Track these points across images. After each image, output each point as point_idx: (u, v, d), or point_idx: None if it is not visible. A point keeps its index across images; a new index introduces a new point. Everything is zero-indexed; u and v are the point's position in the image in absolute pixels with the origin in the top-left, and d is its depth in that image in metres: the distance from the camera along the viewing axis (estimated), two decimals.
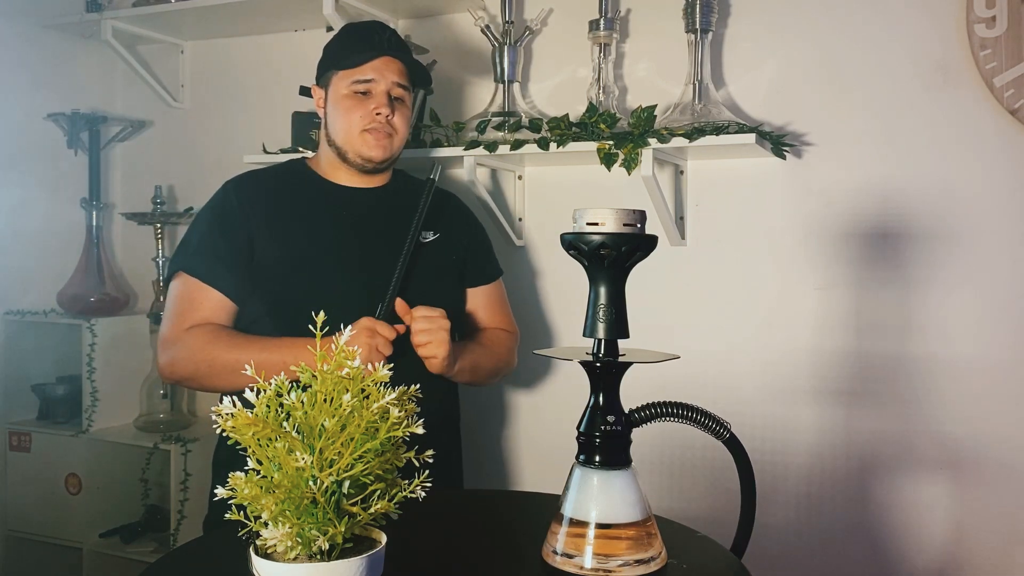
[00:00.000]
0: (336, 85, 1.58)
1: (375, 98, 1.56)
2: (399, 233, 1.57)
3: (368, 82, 1.56)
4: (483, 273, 1.75)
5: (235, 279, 1.53)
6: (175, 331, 1.51)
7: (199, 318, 1.51)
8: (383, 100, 1.56)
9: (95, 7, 2.31)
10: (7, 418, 2.35)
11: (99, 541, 2.28)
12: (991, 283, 1.71)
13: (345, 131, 1.57)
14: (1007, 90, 1.68)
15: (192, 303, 1.52)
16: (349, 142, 1.58)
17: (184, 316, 1.51)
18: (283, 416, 0.87)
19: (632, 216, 0.98)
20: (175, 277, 1.55)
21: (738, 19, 1.89)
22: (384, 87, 1.57)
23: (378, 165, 1.60)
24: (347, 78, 1.56)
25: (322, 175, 1.64)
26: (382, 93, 1.56)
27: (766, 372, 1.86)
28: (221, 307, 1.53)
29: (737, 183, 1.89)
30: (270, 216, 1.57)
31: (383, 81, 1.56)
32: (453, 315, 1.70)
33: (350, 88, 1.56)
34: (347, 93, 1.57)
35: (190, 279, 1.53)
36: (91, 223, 2.41)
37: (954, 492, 1.74)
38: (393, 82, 1.57)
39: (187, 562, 1.10)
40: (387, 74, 1.57)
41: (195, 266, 1.53)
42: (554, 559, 1.00)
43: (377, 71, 1.56)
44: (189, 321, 1.51)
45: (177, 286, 1.55)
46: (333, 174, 1.63)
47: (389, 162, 1.62)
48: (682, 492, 1.91)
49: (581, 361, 1.02)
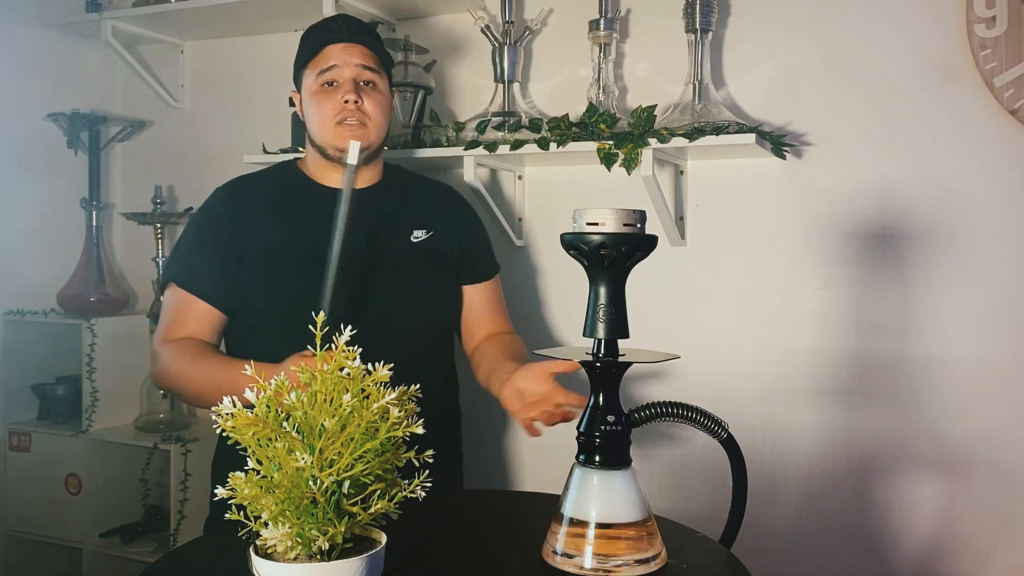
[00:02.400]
0: (305, 83, 1.56)
1: (342, 87, 1.52)
2: (391, 234, 1.56)
3: (332, 69, 1.52)
4: (480, 270, 1.72)
5: (224, 288, 1.53)
6: (157, 343, 1.54)
7: (184, 331, 1.53)
8: (350, 87, 1.52)
9: (95, 7, 2.31)
10: (7, 418, 2.35)
11: (99, 541, 2.28)
12: (991, 283, 1.71)
13: (319, 126, 1.54)
14: (1007, 90, 1.68)
15: (177, 315, 1.53)
16: (324, 137, 1.54)
17: (169, 328, 1.54)
18: (283, 416, 0.87)
19: (632, 216, 0.98)
20: (167, 287, 1.57)
21: (738, 19, 1.89)
22: (350, 74, 1.52)
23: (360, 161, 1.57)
24: (312, 72, 1.54)
25: (311, 177, 1.62)
26: (348, 80, 1.52)
27: (766, 372, 1.86)
28: (208, 318, 1.53)
29: (737, 183, 1.89)
30: (259, 221, 1.56)
31: (347, 67, 1.52)
32: (450, 315, 1.70)
33: (317, 82, 1.53)
34: (315, 89, 1.54)
35: (178, 290, 1.54)
36: (91, 223, 2.41)
37: (954, 492, 1.73)
38: (357, 65, 1.53)
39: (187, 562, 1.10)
40: (349, 59, 1.52)
41: (183, 277, 1.54)
42: (554, 559, 1.00)
43: (338, 57, 1.52)
44: (174, 334, 1.53)
45: (167, 296, 1.57)
46: (321, 175, 1.60)
47: (369, 153, 1.56)
48: (682, 492, 1.91)
49: (581, 361, 1.02)
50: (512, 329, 1.76)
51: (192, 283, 1.53)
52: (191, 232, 1.59)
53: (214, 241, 1.54)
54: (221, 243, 1.54)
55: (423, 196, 1.70)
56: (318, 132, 1.55)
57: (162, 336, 1.53)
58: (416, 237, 1.62)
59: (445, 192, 1.76)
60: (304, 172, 1.63)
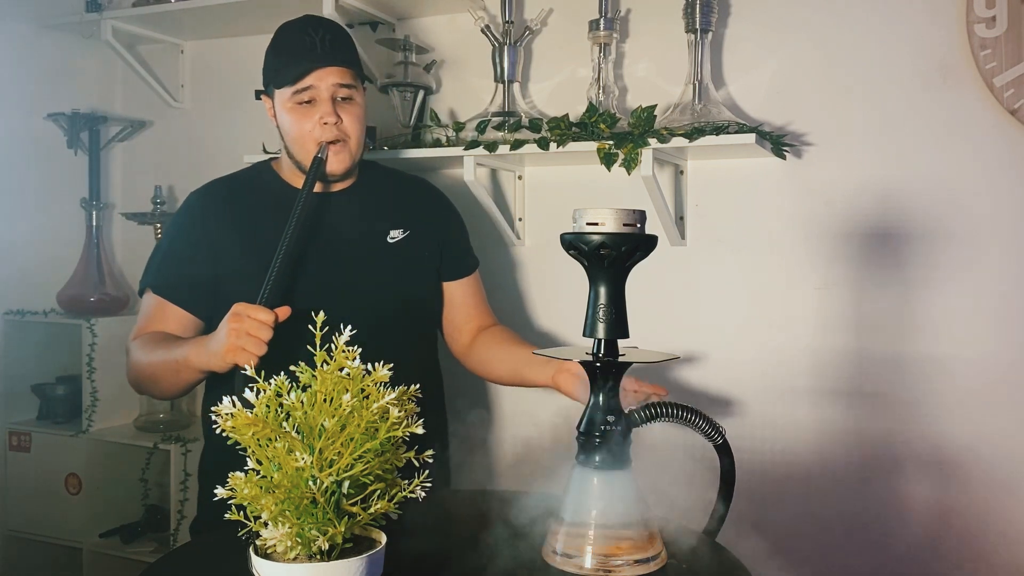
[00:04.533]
0: (279, 98, 1.53)
1: (319, 106, 1.49)
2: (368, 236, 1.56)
3: (308, 89, 1.49)
4: (461, 266, 1.71)
5: (200, 294, 1.53)
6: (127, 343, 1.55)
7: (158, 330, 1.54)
8: (328, 108, 1.49)
9: (95, 7, 2.31)
10: (7, 418, 2.35)
11: (99, 541, 2.28)
12: (991, 283, 1.71)
13: (297, 143, 1.52)
14: (1007, 90, 1.68)
15: (151, 321, 1.54)
16: (304, 158, 1.52)
17: (140, 330, 1.55)
18: (283, 416, 0.87)
19: (632, 216, 0.98)
20: (144, 292, 1.57)
21: (738, 19, 1.89)
22: (327, 93, 1.50)
23: (340, 177, 1.56)
24: (287, 91, 1.50)
25: (286, 180, 1.60)
26: (325, 101, 1.49)
27: (766, 372, 1.86)
28: (183, 322, 1.53)
29: (737, 183, 1.89)
30: (233, 225, 1.55)
31: (323, 87, 1.49)
32: (432, 313, 1.69)
33: (292, 100, 1.50)
34: (290, 106, 1.51)
35: (154, 296, 1.54)
36: (91, 223, 2.41)
37: (953, 492, 1.73)
38: (334, 84, 1.50)
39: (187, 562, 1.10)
40: (327, 78, 1.49)
41: (157, 283, 1.55)
42: (554, 559, 1.00)
43: (315, 78, 1.49)
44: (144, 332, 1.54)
45: (143, 301, 1.58)
46: (296, 180, 1.58)
47: (350, 170, 1.56)
48: (682, 492, 1.91)
49: (581, 361, 1.03)
50: (496, 320, 1.76)
51: (166, 288, 1.54)
52: (166, 238, 1.60)
53: (190, 246, 1.54)
54: (196, 248, 1.54)
55: (399, 195, 1.68)
56: (296, 148, 1.53)
57: (133, 335, 1.55)
58: (392, 238, 1.61)
59: (422, 189, 1.74)
60: (279, 174, 1.62)
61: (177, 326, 1.53)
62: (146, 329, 1.54)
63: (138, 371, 1.52)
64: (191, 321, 1.54)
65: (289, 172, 1.60)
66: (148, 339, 1.51)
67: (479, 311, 1.72)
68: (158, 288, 1.54)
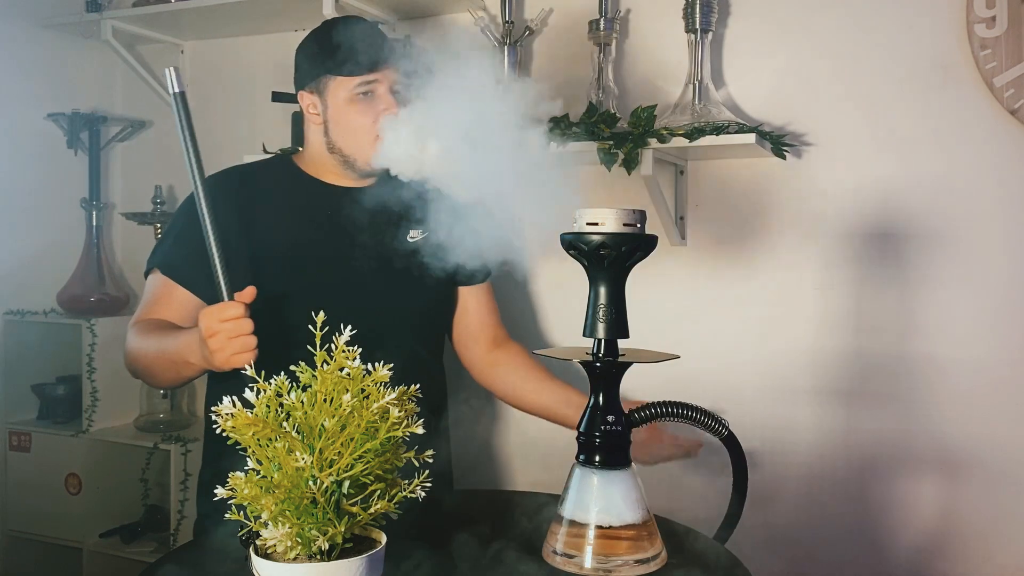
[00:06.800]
0: (335, 91, 1.51)
1: (381, 99, 1.49)
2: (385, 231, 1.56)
3: (373, 83, 1.49)
4: (476, 271, 1.69)
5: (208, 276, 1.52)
6: (128, 326, 1.52)
7: (158, 316, 1.51)
8: (391, 100, 1.48)
9: (95, 7, 2.31)
10: (7, 418, 2.35)
11: (99, 541, 2.28)
12: (991, 283, 1.71)
13: (355, 140, 1.51)
14: (1007, 90, 1.68)
15: (157, 301, 1.51)
16: (361, 151, 1.51)
17: (143, 312, 1.52)
18: (283, 416, 0.87)
19: (632, 216, 0.98)
20: (151, 272, 1.55)
21: (738, 19, 1.88)
22: (387, 86, 1.49)
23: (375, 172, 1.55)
24: (348, 83, 1.49)
25: (309, 173, 1.59)
26: (386, 93, 1.49)
27: (766, 372, 1.86)
28: (188, 305, 1.50)
29: (737, 183, 1.89)
30: (251, 211, 1.53)
31: (386, 83, 1.50)
32: (445, 316, 1.69)
33: (353, 92, 1.49)
34: (350, 97, 1.50)
35: (161, 276, 1.52)
36: (91, 223, 2.41)
37: (953, 491, 1.73)
38: (393, 82, 1.50)
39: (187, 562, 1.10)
40: (391, 76, 1.50)
41: (167, 263, 1.52)
42: (554, 559, 1.00)
43: (383, 74, 1.49)
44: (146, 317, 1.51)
45: (149, 282, 1.55)
46: (321, 173, 1.58)
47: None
48: (682, 492, 1.91)
49: (581, 361, 1.02)
50: (505, 332, 1.75)
51: (176, 270, 1.51)
52: (180, 218, 1.57)
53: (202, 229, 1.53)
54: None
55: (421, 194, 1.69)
56: (353, 145, 1.51)
57: (134, 319, 1.52)
58: (412, 237, 1.61)
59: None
60: (300, 167, 1.60)
61: (182, 309, 1.51)
62: (150, 313, 1.51)
63: (135, 359, 1.49)
64: (196, 304, 1.51)
65: (318, 167, 1.58)
66: (145, 327, 1.49)
67: (493, 319, 1.72)
68: (167, 268, 1.52)
